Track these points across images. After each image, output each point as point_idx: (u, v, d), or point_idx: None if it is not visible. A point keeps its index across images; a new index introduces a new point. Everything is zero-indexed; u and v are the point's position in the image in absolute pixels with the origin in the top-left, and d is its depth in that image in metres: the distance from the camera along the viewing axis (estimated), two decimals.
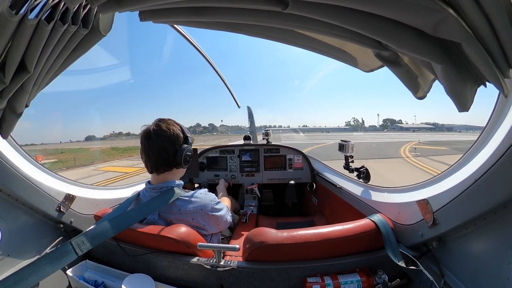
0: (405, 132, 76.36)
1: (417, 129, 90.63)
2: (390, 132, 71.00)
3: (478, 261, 0.88)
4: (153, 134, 1.16)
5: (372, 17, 0.68)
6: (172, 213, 1.18)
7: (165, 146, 1.16)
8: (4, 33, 0.73)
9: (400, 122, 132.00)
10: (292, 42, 1.04)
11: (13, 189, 1.15)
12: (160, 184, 1.22)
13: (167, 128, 1.17)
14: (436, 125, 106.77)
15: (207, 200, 1.23)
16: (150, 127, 1.19)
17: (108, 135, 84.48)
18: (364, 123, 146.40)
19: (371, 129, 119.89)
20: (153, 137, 1.16)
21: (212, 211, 1.22)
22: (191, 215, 1.18)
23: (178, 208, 1.18)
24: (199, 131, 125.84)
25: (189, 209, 1.18)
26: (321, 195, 2.44)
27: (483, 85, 0.71)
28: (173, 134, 1.18)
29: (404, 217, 1.17)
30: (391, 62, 0.89)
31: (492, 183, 0.79)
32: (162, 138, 1.16)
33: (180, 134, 1.21)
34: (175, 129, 1.19)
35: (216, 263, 1.05)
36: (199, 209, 1.19)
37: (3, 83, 0.83)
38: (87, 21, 0.89)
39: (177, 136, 1.19)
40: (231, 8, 0.79)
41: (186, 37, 1.88)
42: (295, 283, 1.03)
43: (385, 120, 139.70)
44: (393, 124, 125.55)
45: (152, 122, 1.22)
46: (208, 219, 1.21)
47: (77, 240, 0.96)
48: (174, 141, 1.18)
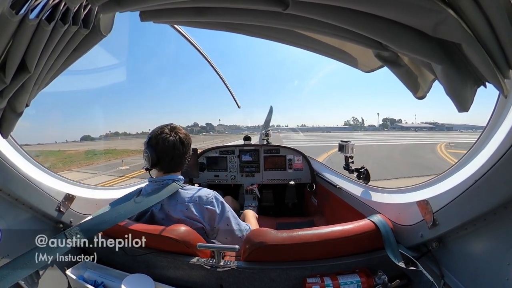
0: (405, 131, 76.01)
1: (418, 128, 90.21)
2: (394, 132, 70.62)
3: (478, 262, 0.88)
4: (181, 145, 1.24)
5: (372, 17, 0.68)
6: (170, 204, 1.22)
7: (187, 153, 1.29)
8: (4, 33, 0.73)
9: (400, 122, 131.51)
10: (292, 43, 1.04)
11: (13, 189, 1.15)
12: (162, 177, 1.27)
13: (187, 143, 1.28)
14: (436, 125, 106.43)
15: (204, 193, 1.26)
16: (174, 137, 1.23)
17: (104, 135, 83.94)
18: (364, 123, 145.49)
19: (370, 129, 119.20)
20: (180, 148, 1.24)
21: (206, 204, 1.23)
22: (186, 205, 1.20)
23: (176, 199, 1.22)
24: (197, 130, 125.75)
25: (185, 199, 1.22)
26: (321, 195, 2.44)
27: (483, 86, 0.71)
28: (189, 145, 1.30)
29: (404, 217, 1.17)
30: (391, 62, 0.89)
31: (492, 184, 0.79)
32: (184, 149, 1.26)
33: (191, 143, 1.32)
34: (190, 140, 1.31)
35: (216, 263, 1.05)
36: (194, 200, 1.22)
37: (4, 83, 0.83)
38: (88, 21, 0.89)
39: (190, 146, 1.31)
40: (231, 9, 0.80)
41: (186, 37, 1.88)
42: (295, 283, 1.03)
43: (384, 119, 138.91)
44: (393, 124, 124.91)
45: (169, 129, 1.25)
46: (202, 211, 1.22)
47: (71, 231, 0.98)
48: (189, 150, 1.31)
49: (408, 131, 78.08)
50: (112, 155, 24.56)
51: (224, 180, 2.74)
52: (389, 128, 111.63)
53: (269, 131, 3.06)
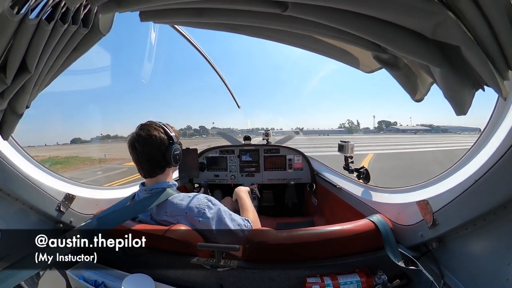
0: (402, 134, 75.34)
1: (415, 131, 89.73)
2: (393, 135, 69.74)
3: (478, 262, 0.88)
4: (137, 143, 1.15)
5: (371, 20, 0.68)
6: (160, 214, 1.18)
7: (151, 153, 1.16)
8: (4, 33, 0.73)
9: (395, 124, 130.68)
10: (293, 43, 1.04)
11: (13, 188, 1.15)
12: (152, 185, 1.22)
13: (147, 135, 1.15)
14: (432, 127, 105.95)
15: (195, 204, 1.17)
16: (133, 137, 1.17)
17: (95, 138, 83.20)
18: (360, 125, 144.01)
19: (366, 132, 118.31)
20: (137, 147, 1.15)
21: (198, 216, 1.14)
22: (176, 218, 1.16)
23: (165, 210, 1.18)
24: (190, 133, 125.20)
25: (174, 212, 1.16)
26: (321, 195, 2.44)
27: (481, 89, 0.71)
28: (155, 139, 1.15)
29: (404, 217, 1.17)
30: (389, 64, 0.89)
31: (492, 184, 0.79)
32: (146, 147, 1.15)
33: (163, 136, 1.18)
34: (156, 133, 1.17)
35: (216, 263, 1.05)
36: (184, 213, 1.15)
37: (5, 84, 0.83)
38: (87, 20, 0.89)
39: (160, 140, 1.16)
40: (231, 10, 0.80)
41: (186, 37, 1.89)
42: (295, 283, 1.03)
43: (380, 122, 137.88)
44: (389, 126, 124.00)
45: (134, 130, 1.20)
46: (194, 224, 1.15)
47: (71, 232, 0.99)
48: (159, 145, 1.16)
49: (405, 133, 77.36)
50: (65, 166, 18.63)
51: (224, 180, 2.74)
52: (385, 131, 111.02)
53: (269, 131, 3.06)
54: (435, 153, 18.22)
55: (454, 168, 1.06)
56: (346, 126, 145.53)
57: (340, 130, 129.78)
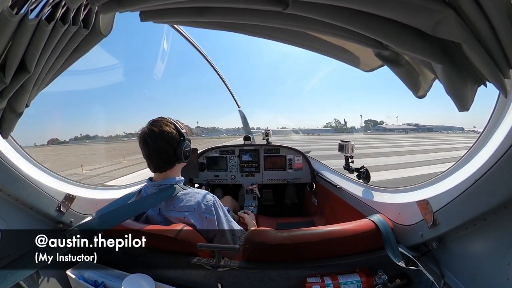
0: (389, 133, 74.23)
1: (405, 130, 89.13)
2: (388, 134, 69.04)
3: (478, 262, 0.88)
4: (149, 138, 1.17)
5: (373, 17, 0.68)
6: (168, 210, 1.20)
7: (163, 148, 1.18)
8: (4, 33, 0.73)
9: (382, 124, 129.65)
10: (293, 42, 1.04)
11: (13, 189, 1.15)
12: (160, 181, 1.24)
13: (160, 131, 1.17)
14: (418, 126, 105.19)
15: (204, 200, 1.21)
16: (144, 132, 1.19)
17: (73, 138, 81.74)
18: (346, 124, 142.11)
19: (353, 131, 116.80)
20: (149, 142, 1.17)
21: (206, 212, 1.18)
22: (183, 213, 1.18)
23: (174, 206, 1.20)
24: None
25: (183, 208, 1.19)
26: (321, 195, 2.44)
27: (483, 85, 0.71)
28: (167, 135, 1.18)
29: (404, 217, 1.17)
30: (391, 61, 0.89)
31: (492, 184, 0.79)
32: (158, 141, 1.17)
33: (175, 132, 1.21)
34: (168, 129, 1.19)
35: (216, 263, 1.05)
36: (192, 208, 1.18)
37: (4, 83, 0.83)
38: (88, 21, 0.89)
39: (172, 135, 1.19)
40: (231, 8, 0.80)
41: (186, 37, 1.88)
42: (295, 283, 1.03)
43: (367, 121, 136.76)
44: (376, 125, 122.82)
45: (146, 126, 1.22)
46: (201, 220, 1.18)
47: (71, 232, 0.99)
48: (171, 140, 1.19)
49: (393, 132, 76.53)
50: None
51: (224, 180, 2.75)
52: (372, 130, 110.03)
53: (269, 131, 3.06)
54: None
55: (454, 168, 1.06)
56: (332, 125, 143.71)
57: (326, 129, 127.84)
